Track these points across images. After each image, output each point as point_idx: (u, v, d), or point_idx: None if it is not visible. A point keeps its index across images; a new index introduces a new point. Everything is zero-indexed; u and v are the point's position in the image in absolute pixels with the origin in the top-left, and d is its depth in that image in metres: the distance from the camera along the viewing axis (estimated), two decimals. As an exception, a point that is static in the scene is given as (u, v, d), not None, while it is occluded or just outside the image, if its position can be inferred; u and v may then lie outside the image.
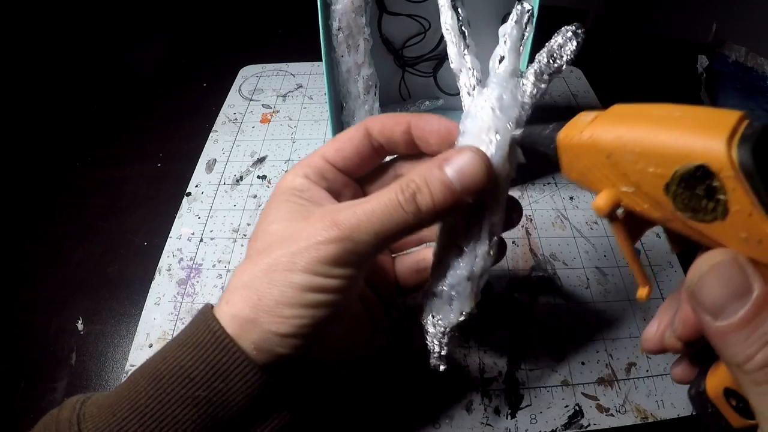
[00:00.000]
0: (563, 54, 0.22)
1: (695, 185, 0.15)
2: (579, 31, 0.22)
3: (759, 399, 0.15)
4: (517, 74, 0.23)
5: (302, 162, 0.26)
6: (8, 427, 0.34)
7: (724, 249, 0.16)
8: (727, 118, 0.15)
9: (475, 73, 0.24)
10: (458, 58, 0.24)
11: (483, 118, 0.23)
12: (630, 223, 0.19)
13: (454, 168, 0.21)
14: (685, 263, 0.41)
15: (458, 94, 0.55)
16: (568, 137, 0.19)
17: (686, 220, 0.16)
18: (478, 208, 0.23)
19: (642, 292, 0.20)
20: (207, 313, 0.21)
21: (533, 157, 0.22)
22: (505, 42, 0.24)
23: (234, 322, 0.21)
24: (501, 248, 0.28)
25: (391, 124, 0.25)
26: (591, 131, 0.18)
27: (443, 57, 0.48)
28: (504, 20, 0.47)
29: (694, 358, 0.22)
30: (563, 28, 0.22)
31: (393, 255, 0.31)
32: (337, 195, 0.26)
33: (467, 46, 0.24)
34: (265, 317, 0.20)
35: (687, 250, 0.20)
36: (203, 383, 0.20)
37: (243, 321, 0.21)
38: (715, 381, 0.20)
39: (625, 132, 0.17)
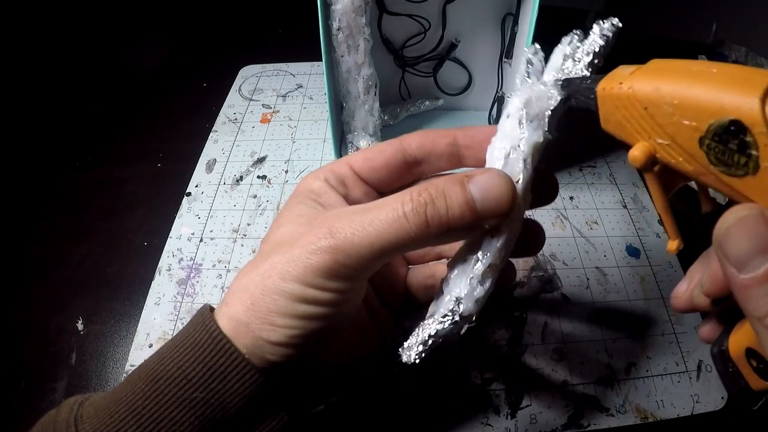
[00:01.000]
0: (582, 55, 0.22)
1: (728, 140, 0.15)
2: (606, 30, 0.21)
3: None
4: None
5: (326, 166, 0.25)
6: (8, 427, 0.34)
7: (753, 204, 0.16)
8: (765, 75, 0.15)
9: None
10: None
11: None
12: (664, 176, 0.19)
13: (478, 187, 0.19)
14: (686, 263, 0.41)
15: (457, 94, 0.55)
16: (608, 88, 0.19)
17: (718, 174, 0.16)
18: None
19: (672, 244, 0.20)
20: (204, 314, 0.21)
21: (571, 114, 0.22)
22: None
23: (230, 325, 0.21)
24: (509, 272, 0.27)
25: (432, 137, 0.24)
26: (630, 83, 0.18)
27: (443, 57, 0.48)
28: (504, 21, 0.47)
29: (721, 318, 0.22)
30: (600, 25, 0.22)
31: (409, 266, 0.31)
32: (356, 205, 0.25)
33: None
34: (257, 323, 0.20)
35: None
36: (200, 384, 0.20)
37: (237, 324, 0.20)
38: (738, 339, 0.20)
39: (663, 85, 0.17)
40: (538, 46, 0.24)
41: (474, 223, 0.20)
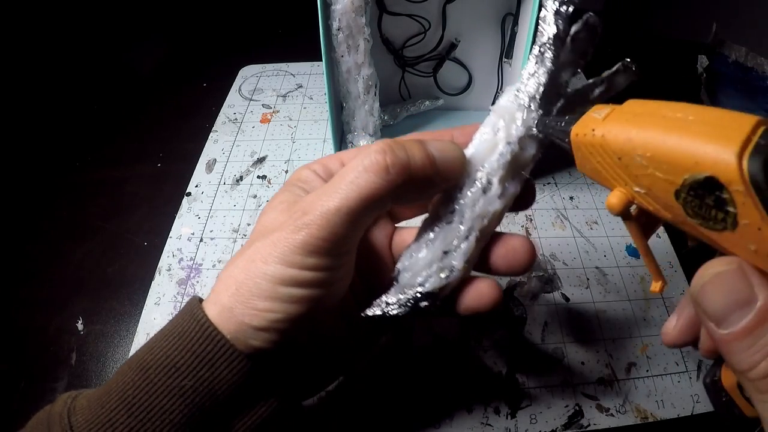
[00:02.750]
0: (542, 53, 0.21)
1: (705, 195, 0.15)
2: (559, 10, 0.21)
3: (763, 406, 0.15)
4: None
5: (319, 159, 0.25)
6: (8, 427, 0.34)
7: (730, 258, 0.16)
8: (742, 124, 0.14)
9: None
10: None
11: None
12: (644, 218, 0.19)
13: (435, 146, 0.21)
14: (686, 264, 0.41)
15: (457, 94, 0.55)
16: (580, 135, 0.18)
17: (696, 226, 0.16)
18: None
19: (656, 286, 0.20)
20: (193, 304, 0.22)
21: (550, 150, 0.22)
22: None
23: (216, 311, 0.21)
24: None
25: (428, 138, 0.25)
26: (603, 130, 0.17)
27: (443, 57, 0.48)
28: (504, 21, 0.47)
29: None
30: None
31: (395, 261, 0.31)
32: None
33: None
34: (239, 308, 0.20)
35: (692, 250, 0.20)
36: (189, 372, 0.20)
37: (222, 309, 0.21)
38: (731, 372, 0.19)
39: (636, 135, 0.16)
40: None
41: (434, 176, 0.21)
